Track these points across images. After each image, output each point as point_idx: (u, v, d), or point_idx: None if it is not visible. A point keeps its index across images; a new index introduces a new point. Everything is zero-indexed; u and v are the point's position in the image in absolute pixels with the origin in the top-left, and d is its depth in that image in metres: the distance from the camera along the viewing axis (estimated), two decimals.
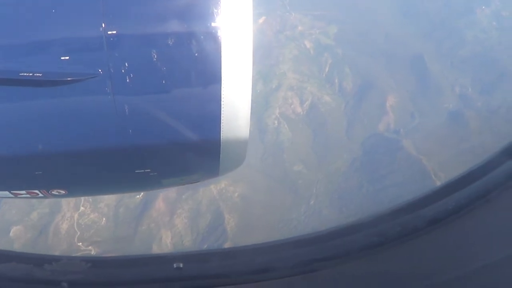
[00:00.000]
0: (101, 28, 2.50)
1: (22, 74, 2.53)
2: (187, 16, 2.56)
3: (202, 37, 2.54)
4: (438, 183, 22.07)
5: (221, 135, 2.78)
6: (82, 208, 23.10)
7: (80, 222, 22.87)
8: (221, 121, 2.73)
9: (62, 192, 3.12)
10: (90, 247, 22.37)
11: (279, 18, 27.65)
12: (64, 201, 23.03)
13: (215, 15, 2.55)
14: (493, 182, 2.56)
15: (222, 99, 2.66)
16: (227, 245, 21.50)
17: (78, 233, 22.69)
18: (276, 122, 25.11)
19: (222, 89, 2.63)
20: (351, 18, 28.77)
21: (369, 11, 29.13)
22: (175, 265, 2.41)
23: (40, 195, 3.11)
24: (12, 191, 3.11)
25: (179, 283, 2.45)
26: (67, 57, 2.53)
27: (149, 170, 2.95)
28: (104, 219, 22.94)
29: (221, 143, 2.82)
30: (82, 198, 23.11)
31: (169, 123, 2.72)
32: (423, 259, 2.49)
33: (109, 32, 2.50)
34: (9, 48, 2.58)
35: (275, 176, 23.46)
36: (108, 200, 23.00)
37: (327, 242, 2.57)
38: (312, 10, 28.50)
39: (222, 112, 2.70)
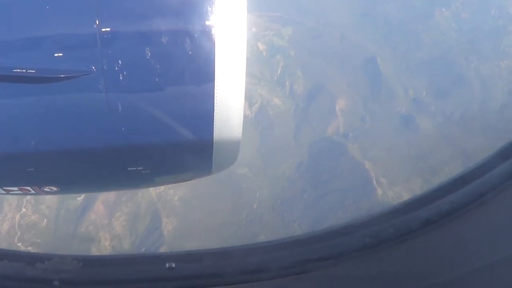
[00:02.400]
0: (95, 25, 2.48)
1: (15, 70, 2.50)
2: (181, 14, 2.55)
3: (196, 35, 2.53)
4: (379, 190, 21.68)
5: (214, 133, 2.77)
6: (24, 209, 23.08)
7: (22, 223, 22.85)
8: (214, 119, 2.72)
9: (54, 189, 3.09)
10: (29, 248, 22.36)
11: None
12: (6, 202, 23.06)
13: (209, 14, 2.54)
14: (488, 184, 2.51)
15: (215, 98, 2.66)
16: (163, 249, 21.31)
17: (19, 233, 22.68)
18: None
19: (215, 87, 2.63)
20: (308, 20, 28.42)
21: (327, 13, 28.76)
22: (167, 265, 2.39)
23: (32, 191, 3.09)
24: (3, 188, 3.07)
25: (171, 283, 2.42)
26: (61, 54, 2.52)
27: (141, 168, 2.95)
28: (45, 220, 22.89)
29: (214, 142, 2.81)
30: (24, 200, 23.15)
31: (162, 121, 2.71)
32: (417, 261, 2.45)
33: (103, 29, 2.49)
34: (3, 45, 2.55)
35: (218, 179, 23.16)
36: (49, 202, 22.96)
37: (321, 243, 2.54)
38: (268, 11, 28.19)
39: (215, 110, 2.69)
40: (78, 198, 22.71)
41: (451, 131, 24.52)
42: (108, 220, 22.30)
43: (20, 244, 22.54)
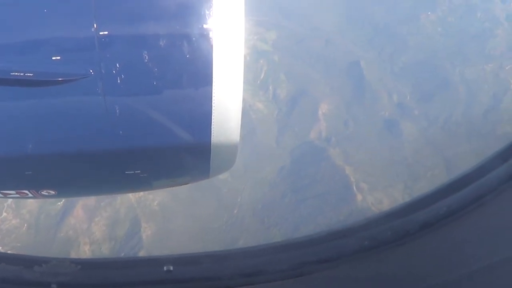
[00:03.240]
0: (92, 28, 2.49)
1: (13, 73, 2.51)
2: (179, 18, 2.56)
3: (194, 38, 2.54)
4: (359, 196, 21.49)
5: (212, 136, 2.79)
6: (4, 213, 23.10)
7: (2, 227, 22.86)
8: (212, 122, 2.73)
9: (52, 192, 3.11)
10: (9, 252, 22.36)
11: None
12: None
13: (207, 17, 2.54)
14: (487, 186, 2.52)
15: (213, 101, 2.66)
16: (141, 253, 21.22)
17: None
18: None
19: (213, 91, 2.63)
20: (293, 24, 28.29)
21: (314, 16, 28.62)
22: (165, 268, 2.39)
23: (30, 195, 3.11)
24: (1, 191, 3.09)
25: (169, 286, 2.43)
26: (59, 57, 2.52)
27: (139, 172, 2.96)
28: (25, 225, 22.88)
29: (211, 145, 2.83)
30: (5, 204, 23.16)
31: (160, 124, 2.71)
32: (415, 263, 2.45)
33: (100, 33, 2.50)
34: (0, 47, 2.55)
35: (198, 184, 23.04)
36: (30, 207, 22.98)
37: (319, 245, 2.55)
38: (254, 15, 28.08)
39: (213, 114, 2.70)
40: (59, 203, 22.68)
41: (435, 136, 24.31)
42: (88, 225, 22.27)
43: (0, 248, 22.56)
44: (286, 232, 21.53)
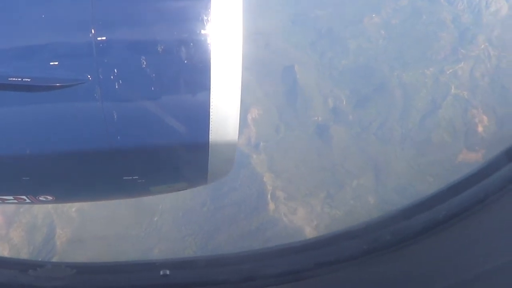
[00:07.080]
0: (90, 34, 2.50)
1: (10, 78, 2.51)
2: (176, 23, 2.59)
3: (191, 44, 2.57)
4: (272, 205, 20.76)
5: (210, 142, 2.83)
6: None
7: None
8: (210, 128, 2.77)
9: (50, 198, 3.12)
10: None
11: None
12: None
13: (204, 22, 2.58)
14: (492, 185, 2.46)
15: (210, 107, 2.70)
16: (55, 259, 20.99)
17: None
18: None
19: (211, 96, 2.67)
20: None
21: (256, 20, 28.03)
22: (161, 272, 2.41)
23: (28, 201, 3.12)
24: None
25: None
26: (56, 63, 2.53)
27: (137, 177, 2.98)
28: None
29: (209, 151, 2.87)
30: None
31: (157, 130, 2.74)
32: (416, 268, 2.40)
33: (98, 38, 2.51)
34: None
35: None
36: None
37: (316, 250, 2.53)
38: None
39: (210, 119, 2.74)
40: None
41: (367, 143, 23.39)
42: (6, 231, 22.22)
43: None
44: (200, 243, 20.99)
